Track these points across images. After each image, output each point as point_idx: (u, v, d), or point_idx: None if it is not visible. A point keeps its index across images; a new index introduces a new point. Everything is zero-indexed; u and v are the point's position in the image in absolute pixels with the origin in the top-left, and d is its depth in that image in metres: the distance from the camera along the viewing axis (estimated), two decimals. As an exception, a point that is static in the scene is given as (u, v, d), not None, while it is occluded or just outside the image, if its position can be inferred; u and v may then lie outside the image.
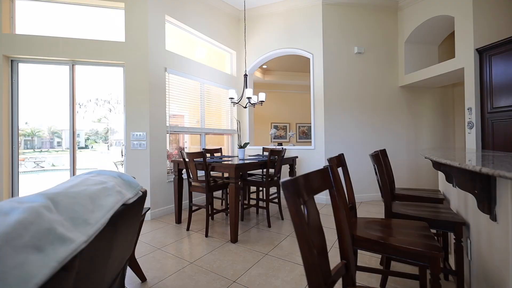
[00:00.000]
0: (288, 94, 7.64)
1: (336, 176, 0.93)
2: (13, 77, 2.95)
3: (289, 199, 0.58)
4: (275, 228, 2.79)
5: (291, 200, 0.58)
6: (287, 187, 0.58)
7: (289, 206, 0.59)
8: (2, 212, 0.50)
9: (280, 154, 2.90)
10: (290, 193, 0.59)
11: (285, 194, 0.59)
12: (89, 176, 0.96)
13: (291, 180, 0.59)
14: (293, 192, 0.59)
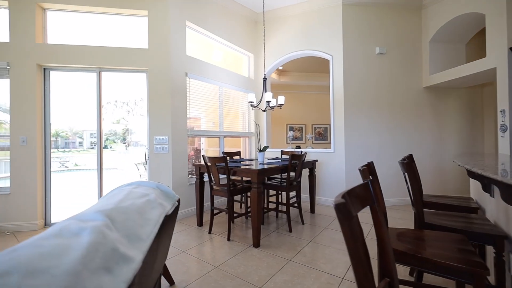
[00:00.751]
0: (304, 95, 7.56)
1: (376, 190, 0.91)
2: (46, 85, 3.12)
3: (344, 223, 0.58)
4: (296, 233, 2.77)
5: (346, 223, 0.58)
6: (341, 210, 0.58)
7: (344, 229, 0.58)
8: (73, 233, 0.53)
9: (301, 158, 2.88)
10: (344, 216, 0.58)
11: (339, 217, 0.58)
12: (131, 189, 1.00)
13: (344, 203, 0.58)
14: (347, 214, 0.58)
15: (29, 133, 2.96)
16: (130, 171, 7.61)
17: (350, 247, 0.58)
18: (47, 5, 3.08)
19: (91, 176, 6.02)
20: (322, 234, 2.72)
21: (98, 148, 3.25)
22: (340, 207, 0.57)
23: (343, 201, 0.58)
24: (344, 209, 0.58)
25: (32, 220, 2.95)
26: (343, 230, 0.58)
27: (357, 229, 0.60)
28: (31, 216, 2.95)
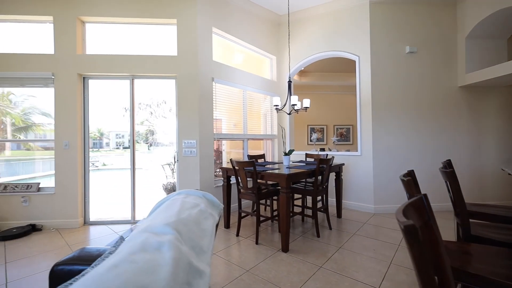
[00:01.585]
0: (325, 95, 7.42)
1: (429, 205, 0.88)
2: (85, 92, 3.34)
3: (414, 245, 0.57)
4: (324, 239, 2.73)
5: (416, 246, 0.57)
6: (411, 232, 0.57)
7: (413, 252, 0.57)
8: (154, 248, 0.58)
9: (329, 162, 2.83)
10: (414, 238, 0.57)
11: (408, 239, 0.57)
12: (182, 198, 1.05)
13: (414, 224, 0.57)
14: (417, 236, 0.57)
15: (71, 137, 3.20)
16: (154, 171, 7.88)
17: (420, 270, 0.57)
18: (86, 18, 3.30)
19: (119, 175, 6.42)
20: (351, 241, 2.66)
21: (131, 149, 3.41)
22: (410, 229, 0.57)
23: (412, 223, 0.57)
24: (414, 231, 0.57)
25: (73, 218, 3.18)
26: (412, 253, 0.57)
27: (427, 252, 0.58)
28: (73, 215, 3.18)
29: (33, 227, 3.03)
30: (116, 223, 3.34)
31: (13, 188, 3.18)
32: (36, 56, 3.18)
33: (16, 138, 4.01)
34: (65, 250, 2.51)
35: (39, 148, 4.11)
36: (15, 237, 2.80)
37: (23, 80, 3.19)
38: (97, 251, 1.30)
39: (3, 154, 3.75)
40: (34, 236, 2.90)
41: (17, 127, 5.99)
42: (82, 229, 3.11)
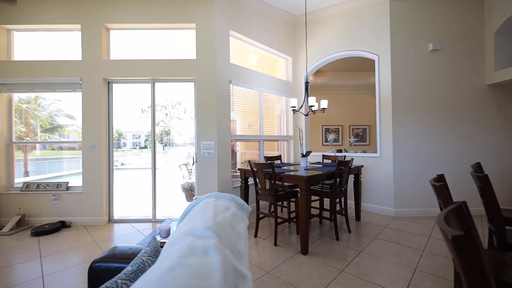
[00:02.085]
0: (341, 95, 7.29)
1: (469, 213, 0.86)
2: (109, 96, 3.49)
3: (462, 256, 0.56)
4: (344, 242, 2.70)
5: (464, 257, 0.56)
6: (460, 243, 0.56)
7: (462, 263, 0.56)
8: (202, 251, 0.60)
9: (348, 164, 2.79)
10: (463, 249, 0.56)
11: (457, 250, 0.56)
12: (213, 201, 1.08)
13: (463, 235, 0.56)
14: (466, 247, 0.56)
15: (97, 139, 3.35)
16: (170, 171, 8.07)
17: (471, 282, 0.56)
18: (111, 25, 3.45)
19: (137, 174, 6.62)
20: (372, 245, 2.61)
21: (152, 150, 3.52)
22: (458, 240, 0.56)
23: (461, 233, 0.56)
24: (463, 242, 0.56)
25: (99, 216, 3.33)
26: (462, 264, 0.57)
27: (478, 262, 0.57)
28: (99, 213, 3.33)
29: (63, 224, 3.20)
30: (137, 221, 3.46)
31: (44, 187, 3.38)
32: (65, 63, 3.36)
33: (43, 139, 4.25)
34: (93, 247, 2.64)
35: (62, 148, 4.35)
36: (47, 233, 2.97)
37: (54, 86, 3.38)
38: (130, 249, 1.36)
39: (31, 154, 3.98)
40: (64, 232, 3.07)
41: (44, 128, 6.36)
42: (107, 227, 3.26)
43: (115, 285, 0.85)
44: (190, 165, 5.85)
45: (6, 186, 3.39)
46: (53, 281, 2.01)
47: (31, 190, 3.35)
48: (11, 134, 3.49)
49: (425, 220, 3.33)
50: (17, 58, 3.53)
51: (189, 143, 15.71)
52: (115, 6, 3.37)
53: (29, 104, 4.42)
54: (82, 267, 2.23)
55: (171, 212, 3.83)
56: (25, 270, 2.18)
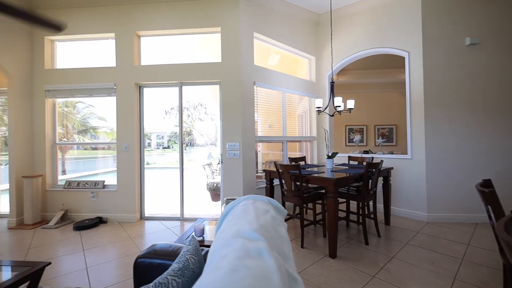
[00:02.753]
0: (365, 94, 7.05)
1: (529, 223, 0.80)
2: (140, 99, 3.69)
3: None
4: (373, 247, 2.61)
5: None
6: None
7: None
8: (257, 254, 0.63)
9: (378, 167, 2.70)
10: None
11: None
12: (252, 204, 1.11)
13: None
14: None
15: (130, 140, 3.56)
16: (192, 170, 8.28)
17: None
18: (142, 32, 3.64)
19: (162, 173, 6.89)
20: (405, 251, 2.50)
21: (180, 151, 3.65)
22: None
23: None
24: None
25: (132, 213, 3.53)
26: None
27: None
28: (132, 210, 3.54)
29: (100, 220, 3.44)
30: (166, 219, 3.62)
31: (84, 185, 3.66)
32: (101, 69, 3.61)
33: (78, 140, 4.60)
34: (129, 242, 2.81)
35: (95, 148, 4.67)
36: (87, 227, 3.22)
37: (91, 91, 3.64)
38: (170, 247, 1.44)
39: (68, 154, 4.31)
40: (102, 227, 3.30)
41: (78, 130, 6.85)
42: (139, 224, 3.45)
43: (166, 281, 0.91)
44: (213, 166, 5.99)
45: (51, 183, 3.71)
46: (96, 273, 2.17)
47: (73, 187, 3.64)
48: (54, 136, 3.82)
49: (463, 227, 3.12)
50: (59, 66, 3.85)
51: (209, 144, 16.03)
52: (146, 15, 3.55)
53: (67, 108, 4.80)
54: (120, 261, 2.38)
55: (197, 211, 3.96)
56: (71, 261, 2.38)
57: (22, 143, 3.52)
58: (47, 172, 3.67)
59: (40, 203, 3.53)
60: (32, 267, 1.52)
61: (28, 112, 3.62)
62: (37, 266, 1.53)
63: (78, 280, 2.07)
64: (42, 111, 3.67)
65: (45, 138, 3.67)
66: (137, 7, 3.55)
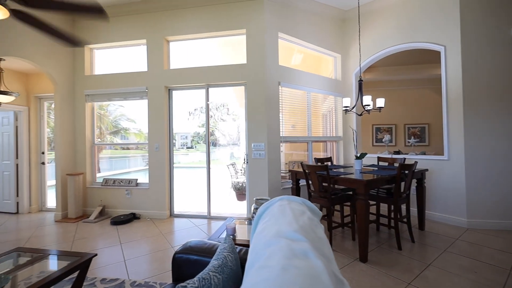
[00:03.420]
0: (394, 92, 6.70)
1: None
2: (170, 101, 3.86)
3: None
4: (407, 252, 2.49)
5: None
6: None
7: None
8: (303, 254, 0.64)
9: (412, 168, 2.57)
10: None
11: None
12: (287, 204, 1.11)
13: None
14: None
15: (160, 140, 3.74)
16: (215, 170, 8.45)
17: None
18: (171, 38, 3.80)
19: (187, 172, 7.10)
20: (443, 258, 2.34)
21: (207, 151, 3.77)
22: None
23: None
24: None
25: (162, 210, 3.71)
26: None
27: None
28: (162, 207, 3.71)
29: (134, 216, 3.66)
30: (194, 217, 3.74)
31: (119, 183, 3.91)
32: (134, 74, 3.83)
33: (110, 140, 4.92)
34: (161, 238, 2.95)
35: (125, 148, 4.95)
36: (123, 222, 3.44)
37: (126, 94, 3.89)
38: (204, 244, 1.49)
39: (101, 153, 4.63)
40: (135, 223, 3.50)
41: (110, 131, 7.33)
42: (169, 220, 3.61)
43: (208, 276, 0.95)
44: (236, 165, 6.08)
45: (90, 181, 4.03)
46: (134, 265, 2.31)
47: (109, 185, 3.91)
48: (93, 137, 4.13)
49: (508, 234, 2.85)
50: (97, 72, 4.16)
51: (231, 144, 16.30)
52: (174, 21, 3.70)
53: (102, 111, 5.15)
54: (154, 255, 2.51)
55: (222, 210, 4.04)
56: (110, 254, 2.57)
57: (66, 144, 3.86)
58: (87, 170, 3.98)
59: (81, 199, 3.84)
60: (81, 258, 1.66)
61: (71, 115, 3.96)
62: (85, 257, 1.67)
63: (118, 271, 2.22)
64: (82, 114, 3.99)
65: (85, 139, 3.98)
66: (167, 14, 3.72)
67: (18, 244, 2.80)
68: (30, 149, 4.23)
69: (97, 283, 2.05)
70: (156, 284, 2.01)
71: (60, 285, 1.94)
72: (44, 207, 4.31)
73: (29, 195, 4.18)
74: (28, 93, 4.29)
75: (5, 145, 4.15)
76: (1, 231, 3.28)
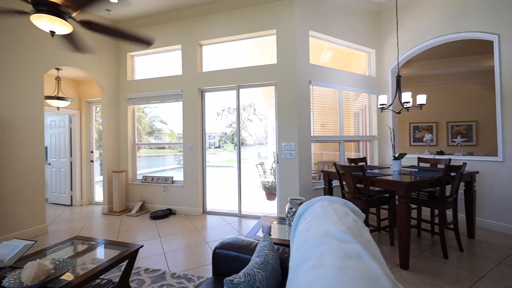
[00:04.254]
0: (434, 87, 6.17)
1: None
2: (202, 103, 4.02)
3: None
4: (454, 261, 2.29)
5: None
6: None
7: None
8: (356, 256, 0.64)
9: (460, 170, 2.35)
10: None
11: None
12: (329, 205, 1.10)
13: None
14: None
15: (194, 140, 3.91)
16: (243, 169, 8.57)
17: None
18: (203, 42, 3.96)
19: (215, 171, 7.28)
20: (498, 270, 2.11)
21: (238, 151, 3.85)
22: None
23: None
24: None
25: (196, 207, 3.88)
26: None
27: None
28: (196, 204, 3.89)
29: (170, 211, 3.89)
30: (225, 214, 3.85)
31: (157, 180, 4.18)
32: (170, 78, 4.06)
33: (146, 140, 5.25)
34: (196, 233, 3.10)
35: (160, 147, 5.24)
36: (161, 217, 3.67)
37: (163, 97, 4.14)
38: (243, 241, 1.54)
39: (139, 152, 4.95)
40: (172, 218, 3.72)
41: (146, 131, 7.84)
42: (202, 217, 3.76)
43: (253, 272, 0.98)
44: (264, 165, 6.12)
45: (132, 178, 4.36)
46: (172, 258, 2.46)
47: (148, 182, 4.20)
48: (134, 137, 4.47)
49: None
50: (137, 77, 4.49)
51: (258, 143, 16.37)
52: (207, 26, 3.85)
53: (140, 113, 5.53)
54: (191, 249, 2.65)
55: (252, 209, 4.10)
56: (151, 246, 2.76)
57: (112, 144, 4.23)
58: (128, 168, 4.32)
59: (124, 194, 4.18)
60: (130, 248, 1.82)
61: (115, 117, 4.33)
62: (133, 247, 1.83)
63: (158, 263, 2.38)
64: (125, 116, 4.33)
65: (127, 139, 4.32)
66: (200, 19, 3.88)
67: (74, 233, 3.15)
68: (81, 148, 4.72)
69: (142, 272, 2.22)
70: (193, 277, 2.12)
71: (110, 272, 2.14)
72: (93, 200, 4.78)
73: (80, 189, 4.67)
74: (80, 98, 4.79)
75: (62, 144, 4.68)
76: (60, 221, 3.72)
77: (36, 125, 3.15)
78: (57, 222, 3.64)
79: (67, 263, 1.43)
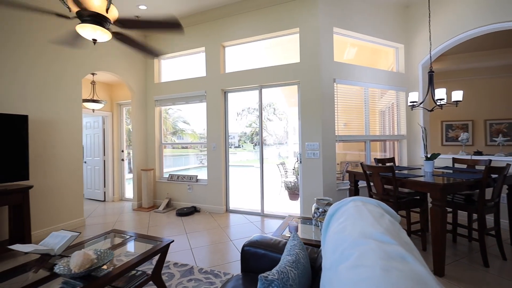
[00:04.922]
0: (469, 82, 5.72)
1: None
2: (226, 103, 4.10)
3: None
4: (496, 271, 2.11)
5: None
6: None
7: None
8: (400, 257, 0.62)
9: (503, 172, 2.17)
10: None
11: None
12: (362, 205, 1.08)
13: None
14: None
15: (217, 140, 4.00)
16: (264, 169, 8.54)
17: None
18: (226, 43, 4.04)
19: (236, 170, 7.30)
20: (550, 283, 1.92)
21: (260, 150, 3.88)
22: None
23: None
24: None
25: (219, 205, 3.97)
26: None
27: None
28: (219, 202, 3.98)
29: (195, 209, 4.01)
30: (248, 213, 3.90)
31: (182, 179, 4.34)
32: (195, 79, 4.19)
33: (170, 140, 5.48)
34: (220, 231, 3.17)
35: (186, 147, 5.41)
36: (186, 214, 3.81)
37: (187, 99, 4.29)
38: (270, 240, 1.55)
39: (164, 152, 5.14)
40: (196, 216, 3.84)
41: (170, 132, 8.09)
42: (225, 215, 3.84)
43: (285, 270, 0.99)
44: (285, 165, 6.09)
45: (159, 176, 4.57)
46: (199, 254, 2.55)
47: (174, 180, 4.38)
48: (161, 137, 4.67)
49: None
50: (163, 80, 4.68)
51: (277, 143, 16.28)
52: (230, 27, 3.92)
53: (164, 114, 5.77)
54: (216, 246, 2.72)
55: (274, 208, 4.10)
56: (178, 241, 2.87)
57: (140, 143, 4.47)
58: (156, 166, 4.53)
59: (152, 191, 4.39)
60: (162, 242, 1.91)
61: (144, 118, 4.56)
62: (165, 242, 1.92)
63: (186, 258, 2.48)
64: (152, 117, 4.55)
65: (154, 138, 4.54)
66: (222, 21, 3.96)
67: (108, 227, 3.37)
68: (113, 148, 5.03)
69: (171, 266, 2.32)
70: (220, 273, 2.18)
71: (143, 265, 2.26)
72: (124, 197, 5.08)
73: (112, 186, 4.98)
74: (112, 101, 5.11)
75: (96, 144, 5.03)
76: (96, 215, 4.00)
77: (75, 126, 3.42)
78: (93, 216, 3.92)
79: (107, 254, 1.54)
